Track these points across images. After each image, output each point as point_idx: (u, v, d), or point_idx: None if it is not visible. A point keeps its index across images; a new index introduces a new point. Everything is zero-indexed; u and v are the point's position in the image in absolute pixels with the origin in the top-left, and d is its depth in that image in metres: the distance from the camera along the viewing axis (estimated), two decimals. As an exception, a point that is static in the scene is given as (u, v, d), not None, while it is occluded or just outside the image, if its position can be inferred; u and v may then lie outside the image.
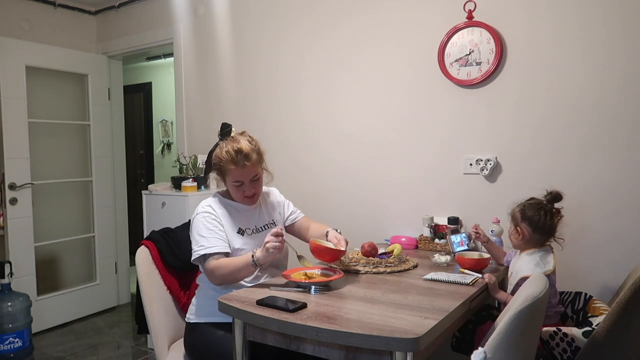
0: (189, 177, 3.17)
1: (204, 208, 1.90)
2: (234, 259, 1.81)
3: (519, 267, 1.83)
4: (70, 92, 3.92)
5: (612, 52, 2.09)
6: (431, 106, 2.55)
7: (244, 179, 1.86)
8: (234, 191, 1.90)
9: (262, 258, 1.73)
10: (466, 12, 2.39)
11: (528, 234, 1.82)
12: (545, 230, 1.81)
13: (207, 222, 1.85)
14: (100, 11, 4.07)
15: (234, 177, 1.85)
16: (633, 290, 1.47)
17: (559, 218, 1.82)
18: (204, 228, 1.84)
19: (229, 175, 1.86)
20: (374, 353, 1.34)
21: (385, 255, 2.12)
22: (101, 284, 4.02)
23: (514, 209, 1.88)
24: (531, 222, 1.81)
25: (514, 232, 1.86)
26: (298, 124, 3.03)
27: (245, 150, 1.83)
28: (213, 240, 1.82)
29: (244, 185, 1.87)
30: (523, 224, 1.82)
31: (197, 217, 1.89)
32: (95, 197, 3.98)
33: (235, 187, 1.88)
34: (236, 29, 3.29)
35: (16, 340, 3.01)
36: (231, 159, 1.82)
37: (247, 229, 1.94)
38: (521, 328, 1.29)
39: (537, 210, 1.81)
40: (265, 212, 2.04)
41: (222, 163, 1.84)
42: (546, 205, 1.83)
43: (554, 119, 2.23)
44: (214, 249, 1.80)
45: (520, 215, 1.84)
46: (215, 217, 1.88)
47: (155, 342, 2.01)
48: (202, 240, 1.82)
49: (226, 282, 1.79)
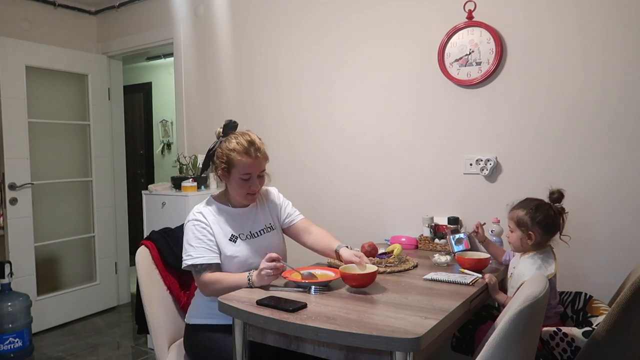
0: (189, 177, 3.17)
1: (194, 215, 1.87)
2: (229, 276, 1.78)
3: (520, 271, 1.81)
4: (70, 92, 3.92)
5: (612, 52, 2.09)
6: (431, 106, 2.55)
7: (253, 172, 1.82)
8: (238, 187, 1.84)
9: (258, 282, 1.72)
10: (466, 12, 2.38)
11: (540, 236, 1.79)
12: (556, 231, 1.79)
13: (196, 231, 1.82)
14: (100, 11, 4.07)
15: (244, 168, 1.80)
16: (633, 290, 1.47)
17: (565, 215, 1.80)
18: (193, 237, 1.82)
19: (238, 167, 1.80)
20: (374, 353, 1.34)
21: (385, 255, 2.12)
22: (101, 284, 4.02)
23: (516, 214, 1.83)
24: (545, 226, 1.77)
25: (524, 237, 1.80)
26: (298, 124, 3.03)
27: (256, 143, 1.83)
28: (201, 250, 1.80)
29: (251, 180, 1.83)
30: (535, 229, 1.78)
31: (188, 225, 1.86)
32: (95, 197, 3.98)
33: (242, 182, 1.83)
34: (236, 29, 3.29)
35: (16, 340, 3.01)
36: (244, 150, 1.79)
37: (241, 234, 1.89)
38: (521, 328, 1.29)
39: (547, 212, 1.78)
40: (262, 215, 1.99)
41: (232, 155, 1.80)
42: (552, 205, 1.81)
43: (554, 118, 2.23)
44: (201, 259, 1.78)
45: (531, 220, 1.78)
46: (206, 225, 1.83)
47: (155, 342, 2.01)
48: (190, 249, 1.81)
49: (216, 296, 1.72)
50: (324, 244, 1.99)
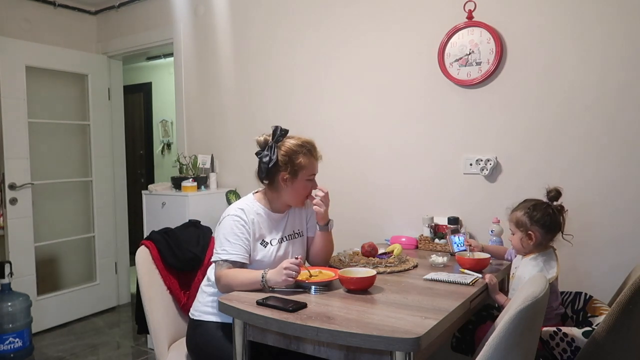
0: (189, 177, 3.17)
1: (236, 211, 1.86)
2: (244, 273, 1.77)
3: (522, 273, 1.81)
4: (70, 92, 3.92)
5: (612, 51, 2.09)
6: (431, 106, 2.55)
7: (316, 172, 1.89)
8: (303, 189, 1.88)
9: (273, 281, 1.68)
10: (466, 12, 2.39)
11: (541, 236, 1.78)
12: (556, 229, 1.79)
13: (235, 227, 1.82)
14: (100, 11, 4.07)
15: (312, 169, 1.87)
16: (633, 290, 1.47)
17: (565, 213, 1.80)
18: (231, 232, 1.82)
19: (307, 169, 1.86)
20: (374, 353, 1.34)
21: (385, 255, 2.12)
22: (101, 284, 4.02)
23: (515, 215, 1.83)
24: (544, 225, 1.77)
25: (524, 237, 1.80)
26: (299, 124, 3.01)
27: (313, 144, 1.92)
28: (237, 247, 1.80)
29: (313, 181, 1.90)
30: (534, 228, 1.78)
31: (227, 219, 1.85)
32: (95, 197, 3.98)
33: (307, 183, 1.89)
34: (236, 28, 3.29)
35: (16, 340, 3.01)
36: (311, 152, 1.87)
37: (272, 239, 1.91)
38: (521, 328, 1.29)
39: (545, 210, 1.78)
40: (296, 220, 2.00)
41: (300, 158, 1.85)
42: (551, 203, 1.81)
43: (554, 118, 2.23)
44: (235, 256, 1.79)
45: (529, 219, 1.78)
46: (245, 223, 1.84)
47: (155, 342, 2.01)
48: (227, 244, 1.80)
49: (229, 292, 1.74)
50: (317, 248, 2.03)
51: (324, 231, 1.97)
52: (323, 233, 1.98)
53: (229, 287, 1.74)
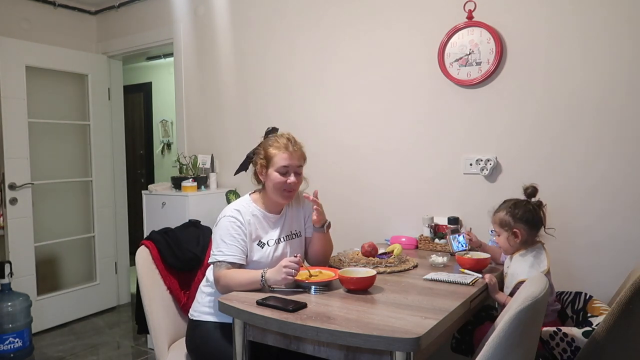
0: (189, 177, 3.17)
1: (232, 212, 1.87)
2: (243, 273, 1.77)
3: (513, 270, 1.82)
4: (70, 92, 3.92)
5: (612, 51, 2.09)
6: (431, 106, 2.55)
7: (290, 163, 1.86)
8: (276, 182, 1.86)
9: (272, 280, 1.68)
10: (466, 12, 2.38)
11: (526, 232, 1.82)
12: (539, 224, 1.83)
13: (231, 229, 1.83)
14: (100, 11, 4.07)
15: (281, 161, 1.86)
16: (633, 290, 1.47)
17: (544, 208, 1.85)
18: (227, 234, 1.82)
19: (275, 162, 1.86)
20: (374, 353, 1.34)
21: (385, 255, 2.11)
22: (101, 284, 4.02)
23: (498, 216, 1.87)
24: (527, 221, 1.81)
25: (510, 236, 1.83)
26: (298, 123, 3.02)
27: (293, 139, 1.92)
28: (233, 248, 1.81)
29: (288, 174, 1.87)
30: (519, 225, 1.81)
31: (223, 220, 1.86)
32: (95, 197, 3.98)
33: (280, 177, 1.86)
34: (236, 28, 3.29)
35: (16, 340, 3.01)
36: (283, 145, 1.88)
37: (269, 240, 1.91)
38: (521, 328, 1.29)
39: (525, 207, 1.83)
40: (294, 220, 2.01)
41: (270, 150, 1.88)
42: (529, 200, 1.85)
43: (554, 118, 2.23)
44: (231, 257, 1.79)
45: (512, 217, 1.83)
46: (241, 224, 1.85)
47: (155, 342, 2.01)
48: (223, 245, 1.81)
49: (228, 292, 1.74)
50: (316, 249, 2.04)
51: (319, 232, 1.98)
52: (320, 234, 1.99)
53: (228, 288, 1.74)
